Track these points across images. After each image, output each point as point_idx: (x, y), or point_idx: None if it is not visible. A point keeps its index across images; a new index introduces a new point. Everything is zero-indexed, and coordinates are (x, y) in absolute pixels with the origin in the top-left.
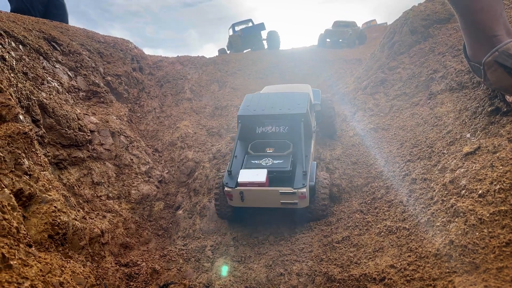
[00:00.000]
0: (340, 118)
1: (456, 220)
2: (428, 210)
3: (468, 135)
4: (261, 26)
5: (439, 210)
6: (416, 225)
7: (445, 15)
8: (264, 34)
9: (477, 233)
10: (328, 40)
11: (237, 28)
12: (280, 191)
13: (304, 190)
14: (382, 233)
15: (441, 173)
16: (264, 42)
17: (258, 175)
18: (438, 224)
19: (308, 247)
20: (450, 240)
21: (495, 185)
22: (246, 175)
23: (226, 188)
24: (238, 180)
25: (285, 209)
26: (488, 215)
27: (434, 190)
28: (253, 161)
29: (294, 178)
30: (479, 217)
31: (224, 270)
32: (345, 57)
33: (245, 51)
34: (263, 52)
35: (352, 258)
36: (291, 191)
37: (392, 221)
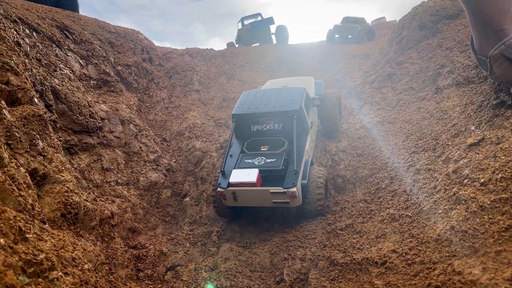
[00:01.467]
0: (347, 111)
1: (457, 207)
2: (431, 198)
3: (473, 128)
4: (270, 20)
5: (441, 199)
6: (419, 212)
7: (454, 10)
8: (272, 28)
9: (477, 219)
10: (337, 35)
11: (246, 22)
12: (270, 191)
13: (294, 189)
14: (385, 221)
15: (445, 163)
16: (273, 37)
17: (249, 175)
18: (440, 211)
19: (312, 234)
20: (451, 226)
21: (497, 174)
22: (237, 175)
23: (218, 189)
24: (230, 180)
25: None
26: (489, 202)
27: (437, 180)
28: (246, 160)
29: (285, 177)
30: (480, 204)
31: None
32: (353, 53)
33: (253, 45)
34: (272, 46)
35: (355, 244)
36: (281, 191)
37: (395, 209)
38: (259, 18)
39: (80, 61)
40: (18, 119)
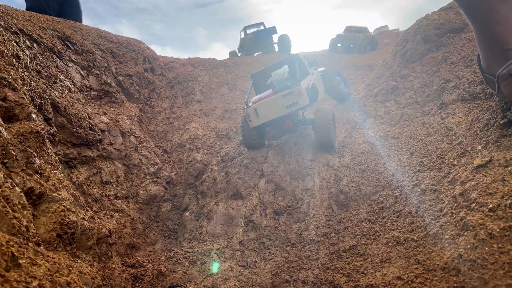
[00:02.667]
0: (350, 124)
1: (465, 233)
2: (437, 222)
3: (480, 147)
4: (273, 30)
5: (448, 223)
6: (425, 236)
7: (459, 24)
8: (275, 37)
9: (486, 248)
10: (339, 45)
11: (248, 31)
12: (282, 95)
13: (299, 87)
14: (390, 244)
15: (451, 185)
16: (275, 46)
17: (266, 92)
18: (447, 237)
19: (315, 255)
20: (459, 254)
21: (506, 199)
22: (256, 97)
23: (244, 110)
24: (251, 100)
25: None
26: (498, 230)
27: (444, 202)
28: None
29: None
30: (489, 231)
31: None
32: (356, 63)
33: (255, 54)
34: (274, 55)
35: (358, 268)
36: (290, 91)
37: (400, 231)
38: (262, 28)
39: (81, 72)
40: (14, 136)
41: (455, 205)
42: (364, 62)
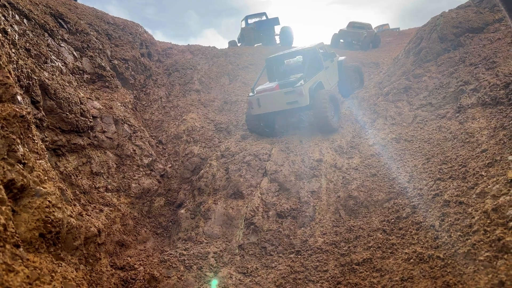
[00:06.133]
0: (359, 124)
1: (505, 257)
2: (467, 240)
3: (511, 158)
4: (275, 21)
5: (481, 242)
6: (453, 255)
7: (479, 24)
8: (277, 29)
9: None
10: (341, 40)
11: (250, 21)
12: (284, 91)
13: (301, 87)
14: (412, 260)
15: (480, 198)
16: (277, 38)
17: (271, 84)
18: (482, 258)
19: (323, 265)
20: (500, 280)
21: None
22: (262, 87)
23: (248, 97)
24: (256, 89)
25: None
26: None
27: (473, 217)
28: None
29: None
30: None
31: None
32: (362, 60)
33: (255, 45)
34: (276, 47)
35: (375, 285)
36: (291, 90)
37: (422, 247)
38: (264, 18)
39: (74, 53)
40: None
41: (488, 221)
42: (370, 59)
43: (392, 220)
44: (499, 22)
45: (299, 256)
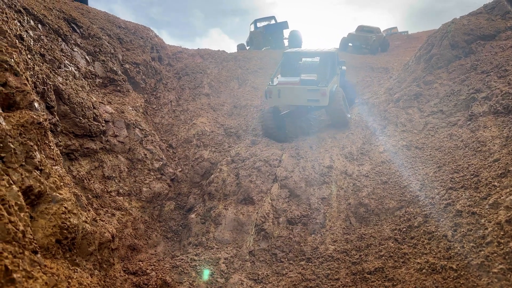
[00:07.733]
0: (369, 130)
1: None
2: (481, 251)
3: None
4: (284, 25)
5: (495, 254)
6: (466, 266)
7: (491, 31)
8: (286, 33)
9: None
10: (350, 44)
11: (259, 25)
12: (307, 88)
13: (325, 88)
14: (424, 270)
15: (494, 209)
16: (285, 42)
17: (294, 78)
18: (495, 270)
19: (335, 274)
20: None
21: None
22: (284, 79)
23: (268, 86)
24: (278, 80)
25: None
26: None
27: (487, 228)
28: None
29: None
30: None
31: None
32: (371, 65)
33: (264, 49)
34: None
35: None
36: (316, 88)
37: (435, 257)
38: (273, 22)
39: (87, 57)
40: (14, 127)
41: (502, 233)
42: (380, 64)
43: (404, 229)
44: (511, 29)
45: (310, 264)
